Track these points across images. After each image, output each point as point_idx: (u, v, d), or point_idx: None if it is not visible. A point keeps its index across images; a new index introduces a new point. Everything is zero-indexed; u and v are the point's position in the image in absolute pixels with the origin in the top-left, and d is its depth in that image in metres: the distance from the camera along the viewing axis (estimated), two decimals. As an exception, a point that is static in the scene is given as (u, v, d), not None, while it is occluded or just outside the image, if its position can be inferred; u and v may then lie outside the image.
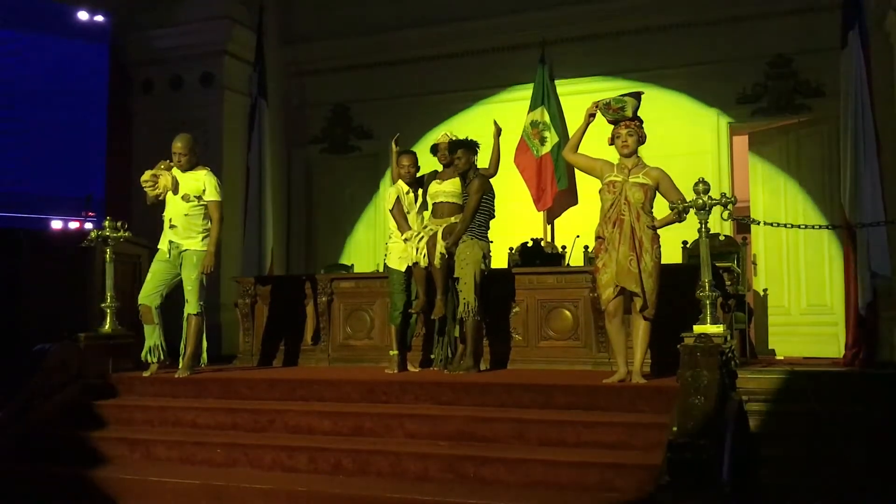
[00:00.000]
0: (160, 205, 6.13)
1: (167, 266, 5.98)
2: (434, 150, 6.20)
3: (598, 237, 5.09)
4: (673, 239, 6.31)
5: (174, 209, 5.99)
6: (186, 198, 5.98)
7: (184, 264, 5.96)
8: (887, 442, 4.68)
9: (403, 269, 6.02)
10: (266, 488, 4.28)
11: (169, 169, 6.02)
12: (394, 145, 6.44)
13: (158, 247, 6.06)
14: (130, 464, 4.92)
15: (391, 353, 6.05)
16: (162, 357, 5.98)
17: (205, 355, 6.08)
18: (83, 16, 10.86)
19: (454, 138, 6.09)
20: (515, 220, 8.30)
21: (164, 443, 4.97)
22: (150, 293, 5.98)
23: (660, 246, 5.00)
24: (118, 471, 4.73)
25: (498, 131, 6.04)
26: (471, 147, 5.94)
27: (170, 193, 5.99)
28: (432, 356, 6.18)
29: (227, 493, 4.33)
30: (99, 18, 10.82)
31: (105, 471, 4.74)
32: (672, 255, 6.16)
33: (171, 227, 5.99)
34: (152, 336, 5.99)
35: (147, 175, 6.00)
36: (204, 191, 6.00)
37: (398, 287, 6.05)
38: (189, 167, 6.06)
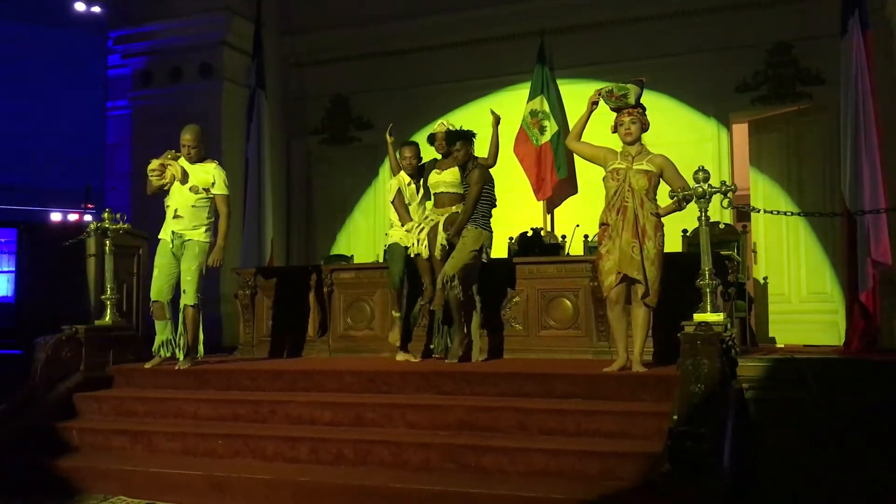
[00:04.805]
0: (159, 196, 6.12)
1: (172, 258, 5.97)
2: (431, 139, 6.20)
3: (602, 224, 5.08)
4: (673, 227, 6.31)
5: (180, 199, 5.98)
6: (195, 189, 5.97)
7: (185, 254, 5.95)
8: (888, 430, 4.68)
9: (404, 245, 6.01)
10: (268, 479, 4.29)
11: (176, 159, 6.01)
12: (388, 136, 6.43)
13: (160, 236, 6.04)
14: (132, 456, 4.93)
15: (394, 314, 6.07)
16: (176, 352, 5.97)
17: (201, 347, 6.08)
18: (80, 7, 10.84)
19: (451, 128, 6.08)
20: (515, 210, 8.30)
21: (166, 434, 4.98)
22: (161, 289, 5.98)
23: (663, 234, 4.99)
24: (120, 463, 4.74)
25: (496, 120, 6.02)
26: (468, 138, 5.92)
27: (177, 183, 5.98)
28: (431, 346, 6.18)
29: (230, 483, 4.33)
30: (96, 10, 10.80)
31: (107, 463, 4.75)
32: (672, 243, 6.15)
33: (176, 216, 5.98)
34: (164, 331, 6.00)
35: (155, 164, 5.99)
36: (213, 184, 6.01)
37: (398, 256, 6.02)
38: (198, 159, 6.06)
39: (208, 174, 6.02)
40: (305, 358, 6.81)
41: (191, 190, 5.98)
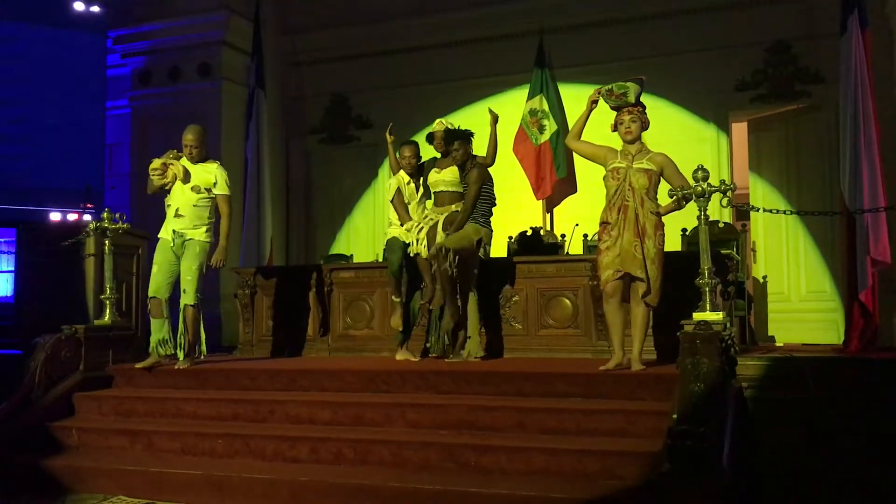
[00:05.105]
0: (159, 195, 6.12)
1: (173, 256, 5.96)
2: (430, 138, 6.21)
3: (602, 223, 5.07)
4: (673, 226, 6.32)
5: (182, 198, 5.98)
6: (197, 189, 5.98)
7: (186, 254, 5.94)
8: (887, 428, 4.68)
9: (402, 240, 6.01)
10: (268, 478, 4.29)
11: (178, 159, 6.02)
12: (388, 136, 6.43)
13: (160, 235, 6.03)
14: (131, 455, 4.92)
15: (394, 299, 6.07)
16: (172, 351, 5.95)
17: (203, 346, 6.07)
18: (79, 7, 10.84)
19: (450, 126, 6.09)
20: (514, 209, 8.31)
21: (165, 434, 4.98)
22: (160, 286, 5.95)
23: (664, 233, 4.98)
24: (119, 462, 4.74)
25: (494, 119, 6.02)
26: (466, 137, 5.93)
27: (178, 182, 5.98)
28: (427, 344, 6.16)
29: (229, 483, 4.33)
30: (95, 9, 10.80)
31: (106, 462, 4.75)
32: (672, 242, 6.16)
33: (178, 216, 5.97)
34: (161, 329, 5.94)
35: (157, 163, 5.99)
36: (215, 184, 6.01)
37: (396, 247, 6.02)
38: (200, 159, 6.06)
39: (210, 174, 6.03)
40: (305, 357, 6.81)
41: (192, 189, 5.98)
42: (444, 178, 6.01)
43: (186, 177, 5.97)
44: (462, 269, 5.65)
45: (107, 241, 6.21)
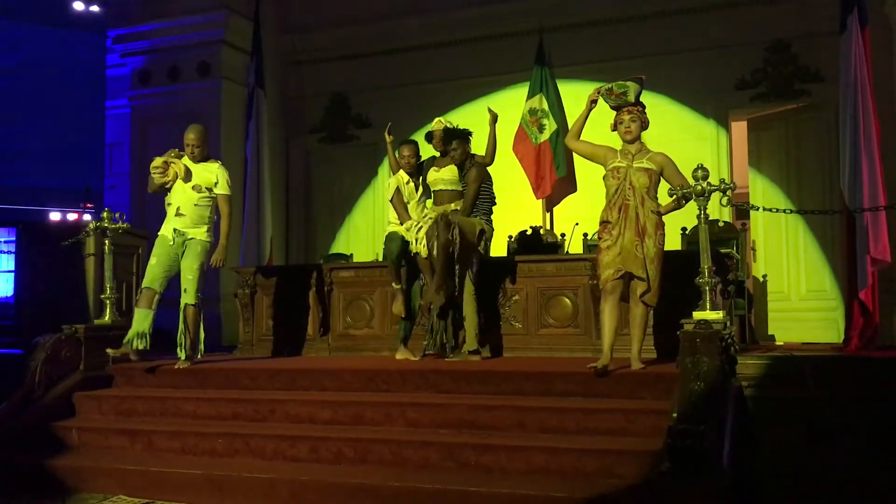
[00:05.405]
0: (158, 195, 6.12)
1: (172, 252, 5.96)
2: (429, 137, 6.22)
3: (603, 222, 5.05)
4: (673, 225, 6.31)
5: (183, 197, 5.98)
6: (198, 188, 5.98)
7: (187, 253, 5.94)
8: (887, 427, 4.68)
9: (402, 235, 6.02)
10: (268, 478, 4.29)
11: (179, 158, 6.02)
12: (387, 136, 6.44)
13: (160, 233, 6.03)
14: (131, 455, 4.93)
15: (395, 286, 6.07)
16: (147, 346, 5.89)
17: (202, 346, 6.07)
18: (79, 6, 10.84)
19: (448, 125, 6.10)
20: (514, 209, 8.31)
21: (165, 433, 4.98)
22: (156, 277, 5.93)
23: (664, 233, 4.97)
24: (119, 462, 4.74)
25: (493, 118, 6.02)
26: (465, 136, 5.94)
27: (179, 181, 5.98)
28: (425, 342, 6.14)
29: (229, 482, 4.34)
30: (95, 9, 10.80)
31: (106, 462, 4.75)
32: (672, 241, 6.16)
33: (179, 214, 5.97)
34: (145, 322, 5.86)
35: (158, 162, 5.99)
36: (216, 184, 6.02)
37: (396, 237, 6.02)
38: (201, 158, 6.06)
39: (211, 174, 6.03)
40: (305, 357, 6.81)
41: (193, 189, 5.98)
42: (444, 176, 6.02)
43: (188, 176, 5.98)
44: (462, 253, 5.63)
45: (107, 241, 6.22)
